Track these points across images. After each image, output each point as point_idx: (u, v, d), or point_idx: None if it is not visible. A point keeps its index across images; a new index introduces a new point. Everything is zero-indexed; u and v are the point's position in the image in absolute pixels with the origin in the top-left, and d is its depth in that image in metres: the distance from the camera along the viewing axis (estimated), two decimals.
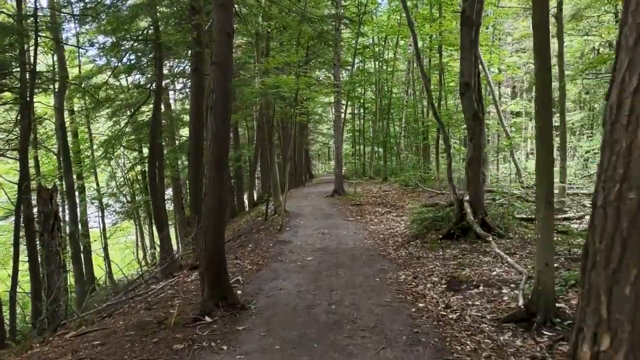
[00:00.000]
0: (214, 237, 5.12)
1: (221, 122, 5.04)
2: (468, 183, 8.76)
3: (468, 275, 6.49)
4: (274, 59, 12.09)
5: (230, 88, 5.07)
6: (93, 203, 21.37)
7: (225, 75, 5.08)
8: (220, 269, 5.23)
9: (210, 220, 5.11)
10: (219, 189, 5.08)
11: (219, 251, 5.20)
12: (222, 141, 5.08)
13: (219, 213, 5.13)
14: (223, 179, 5.11)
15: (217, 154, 5.06)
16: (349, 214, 14.06)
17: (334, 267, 7.62)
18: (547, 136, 4.62)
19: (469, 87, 8.43)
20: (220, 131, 5.05)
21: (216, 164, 5.08)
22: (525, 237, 8.80)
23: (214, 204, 5.10)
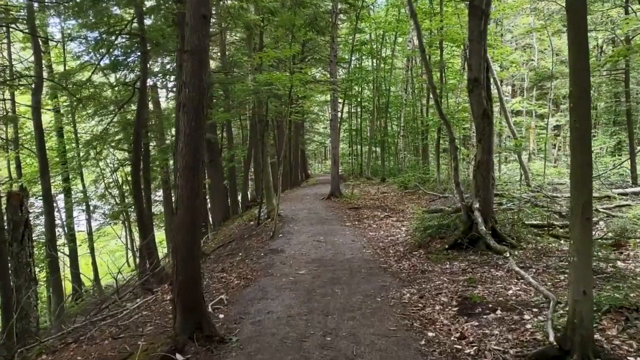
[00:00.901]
0: (186, 257, 4.32)
1: (195, 121, 4.25)
2: (477, 188, 7.99)
3: (482, 296, 5.72)
4: (265, 53, 11.28)
5: (207, 81, 4.27)
6: (79, 205, 20.48)
7: (200, 65, 4.28)
8: (195, 295, 4.44)
9: (183, 237, 4.32)
10: (192, 200, 4.29)
11: (193, 275, 4.40)
12: (196, 144, 4.29)
13: (193, 229, 4.34)
14: (197, 188, 4.31)
15: (190, 159, 4.27)
16: (346, 218, 13.28)
17: (329, 283, 6.83)
18: (584, 138, 3.86)
19: (479, 83, 7.67)
20: (194, 132, 4.26)
21: (189, 171, 4.29)
22: (539, 246, 8.06)
23: (187, 218, 4.30)
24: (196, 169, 4.31)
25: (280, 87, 11.86)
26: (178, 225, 4.34)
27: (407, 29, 22.61)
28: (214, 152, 20.03)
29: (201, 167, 4.39)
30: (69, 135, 20.76)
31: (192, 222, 4.33)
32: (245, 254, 10.24)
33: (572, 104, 3.89)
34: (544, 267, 6.82)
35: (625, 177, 16.42)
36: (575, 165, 3.88)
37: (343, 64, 26.10)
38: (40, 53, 13.34)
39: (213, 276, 8.05)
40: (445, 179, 17.70)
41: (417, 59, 24.35)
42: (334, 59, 17.43)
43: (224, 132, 26.24)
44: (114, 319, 6.30)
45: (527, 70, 22.69)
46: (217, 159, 20.15)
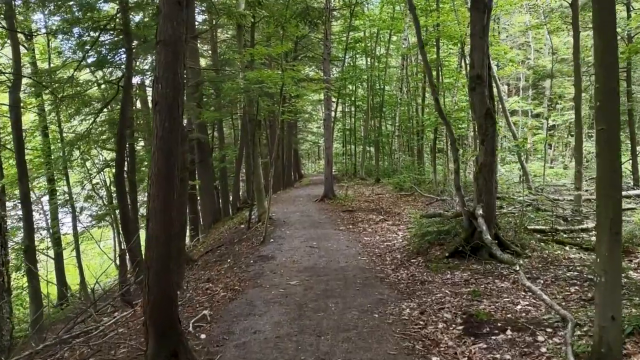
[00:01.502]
0: (160, 275, 3.80)
1: (169, 121, 3.73)
2: (479, 193, 7.52)
3: (488, 312, 5.24)
4: (255, 49, 10.77)
5: (182, 76, 3.76)
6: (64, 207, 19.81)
7: (175, 58, 3.77)
8: (170, 318, 3.92)
9: (155, 253, 3.80)
10: (166, 211, 3.77)
11: (168, 294, 3.89)
12: (170, 148, 3.77)
13: (167, 244, 3.82)
14: (172, 198, 3.79)
15: (163, 165, 3.76)
16: (340, 221, 12.79)
17: (322, 296, 6.33)
18: (612, 141, 3.39)
19: (481, 80, 7.20)
20: (168, 134, 3.74)
21: (162, 179, 3.77)
22: (544, 254, 7.61)
23: (160, 232, 3.79)
24: (170, 176, 3.79)
25: (271, 85, 11.35)
26: (150, 240, 3.82)
27: (402, 27, 22.15)
28: (204, 152, 19.47)
29: (177, 173, 3.87)
30: (54, 134, 20.09)
31: (166, 237, 3.81)
32: (234, 260, 9.72)
33: (599, 101, 3.41)
34: (552, 278, 6.37)
35: (624, 179, 16.07)
36: (601, 172, 3.41)
37: (337, 62, 25.62)
38: (19, 49, 12.72)
39: (198, 287, 7.52)
40: (442, 181, 17.26)
41: (412, 58, 23.92)
42: (327, 56, 16.92)
43: (214, 132, 25.69)
44: (87, 337, 5.76)
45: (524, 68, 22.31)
46: (207, 160, 19.59)
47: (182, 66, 3.80)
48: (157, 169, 3.73)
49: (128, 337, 5.44)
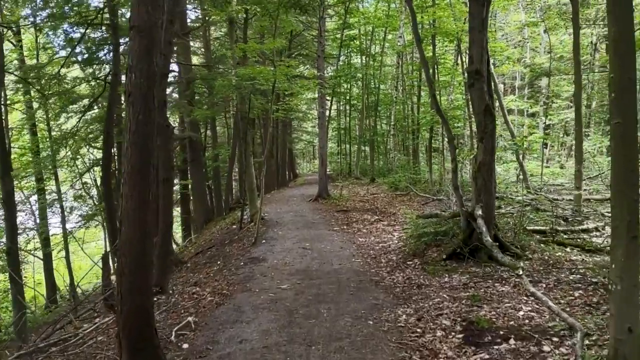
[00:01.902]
0: (134, 283, 3.48)
1: (143, 114, 3.40)
2: (478, 192, 7.23)
3: (489, 319, 4.95)
4: (247, 45, 10.44)
5: (158, 65, 3.43)
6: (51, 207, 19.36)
7: (150, 45, 3.44)
8: (145, 331, 3.60)
9: (129, 259, 3.47)
10: (141, 213, 3.45)
11: (143, 305, 3.56)
12: (144, 142, 3.44)
13: (142, 249, 3.49)
14: (148, 198, 3.46)
15: (136, 161, 3.43)
16: (334, 222, 12.47)
17: (314, 301, 6.01)
18: (628, 137, 3.08)
19: (480, 76, 6.90)
20: (143, 127, 3.42)
21: (136, 177, 3.44)
22: (545, 256, 7.33)
23: (134, 236, 3.46)
24: (145, 174, 3.46)
25: (263, 82, 11.03)
26: (123, 245, 3.49)
27: (397, 25, 21.89)
28: (196, 151, 19.12)
29: (153, 171, 3.54)
30: (42, 133, 19.65)
31: (141, 241, 3.48)
32: (224, 262, 9.40)
33: (614, 93, 3.12)
34: (554, 281, 6.09)
35: None
36: (617, 170, 3.11)
37: (331, 60, 25.31)
38: (2, 44, 12.30)
39: (184, 291, 7.19)
40: (438, 180, 17.00)
41: (407, 56, 23.66)
42: (321, 54, 16.61)
43: (207, 131, 25.32)
44: (64, 346, 5.42)
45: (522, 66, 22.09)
46: (199, 158, 19.25)
47: (157, 55, 3.47)
48: (130, 165, 3.40)
49: (106, 346, 5.11)
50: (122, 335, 3.54)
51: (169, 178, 6.71)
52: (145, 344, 3.60)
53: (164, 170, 6.75)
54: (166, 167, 6.71)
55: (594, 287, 5.77)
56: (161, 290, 6.64)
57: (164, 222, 6.85)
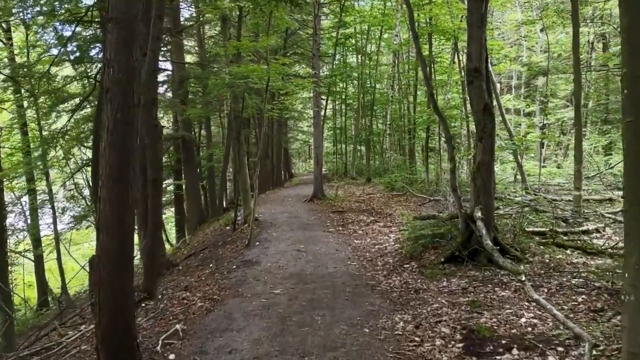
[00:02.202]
0: (113, 294, 3.24)
1: (122, 112, 3.17)
2: (476, 193, 7.02)
3: (490, 327, 4.74)
4: (240, 43, 10.20)
5: (138, 59, 3.19)
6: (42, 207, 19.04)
7: (129, 38, 3.21)
8: (126, 345, 3.37)
9: (108, 267, 3.23)
10: (120, 220, 3.21)
11: (123, 316, 3.32)
12: (124, 143, 3.21)
13: (122, 258, 3.26)
14: (127, 201, 3.23)
15: (115, 163, 3.19)
16: (329, 223, 12.25)
17: (308, 307, 5.79)
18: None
19: (479, 73, 6.70)
20: (122, 126, 3.18)
21: (116, 179, 3.21)
22: (546, 258, 7.14)
23: (113, 245, 3.22)
24: (124, 177, 3.22)
25: (256, 80, 10.79)
26: (101, 252, 3.25)
27: (393, 23, 21.67)
28: (190, 151, 18.85)
29: (132, 174, 3.30)
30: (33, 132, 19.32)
31: (121, 247, 3.25)
32: (216, 265, 9.16)
33: (626, 89, 2.90)
34: (556, 286, 5.90)
35: (618, 178, 15.70)
36: (631, 171, 2.90)
37: (327, 60, 25.10)
38: None
39: (174, 296, 6.94)
40: (434, 180, 16.80)
41: (403, 55, 23.46)
42: (316, 52, 16.37)
43: (202, 130, 25.04)
44: (46, 355, 5.18)
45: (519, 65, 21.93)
46: (193, 158, 18.97)
47: (137, 48, 3.23)
48: (108, 167, 3.17)
49: (90, 355, 4.86)
50: (101, 348, 3.31)
51: (157, 178, 6.46)
52: (126, 357, 3.36)
53: (153, 170, 6.50)
54: (155, 167, 6.46)
55: (597, 292, 5.58)
56: (149, 296, 6.40)
57: (152, 224, 6.61)
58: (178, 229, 22.34)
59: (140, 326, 5.71)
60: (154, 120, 6.39)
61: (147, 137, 6.54)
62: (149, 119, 6.44)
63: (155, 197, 6.55)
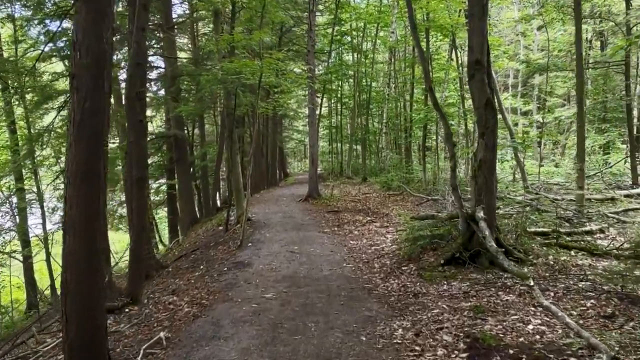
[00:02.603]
0: (82, 304, 2.90)
1: (90, 101, 2.83)
2: (478, 192, 6.72)
3: (496, 334, 4.43)
4: (231, 36, 9.86)
5: (109, 42, 2.85)
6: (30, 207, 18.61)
7: (99, 18, 2.86)
8: (96, 357, 3.00)
9: (76, 274, 2.89)
10: (89, 221, 2.87)
11: (93, 328, 2.98)
12: (92, 136, 2.85)
13: (91, 263, 2.91)
14: (96, 202, 2.89)
15: (82, 159, 2.84)
16: (324, 223, 11.93)
17: (301, 312, 5.46)
18: None
19: (481, 66, 6.39)
20: (90, 118, 2.84)
21: (83, 178, 2.86)
22: (550, 260, 6.84)
23: (81, 248, 2.88)
24: (94, 175, 2.89)
25: (249, 76, 10.44)
26: (67, 258, 2.91)
27: (389, 21, 21.38)
28: (182, 149, 18.46)
29: (103, 171, 2.96)
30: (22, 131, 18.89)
31: (89, 253, 2.90)
32: (207, 267, 8.82)
33: None
34: (563, 289, 5.60)
35: (618, 177, 15.47)
36: None
37: (323, 57, 24.77)
38: None
39: (160, 301, 6.59)
40: (432, 180, 16.52)
41: (400, 53, 23.17)
42: (311, 48, 16.03)
43: (195, 129, 24.65)
44: None
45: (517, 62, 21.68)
46: (185, 157, 18.58)
47: (109, 30, 2.90)
48: (74, 164, 2.83)
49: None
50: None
51: (142, 177, 6.11)
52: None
53: (137, 168, 6.15)
54: (139, 166, 6.11)
55: (606, 296, 5.29)
56: (132, 301, 6.05)
57: (137, 225, 6.26)
58: (171, 229, 21.94)
59: (122, 333, 5.38)
60: (138, 116, 6.04)
61: (131, 133, 6.20)
62: (134, 114, 6.09)
63: (141, 197, 6.20)
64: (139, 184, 6.10)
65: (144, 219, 6.23)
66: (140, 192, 6.18)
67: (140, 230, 6.24)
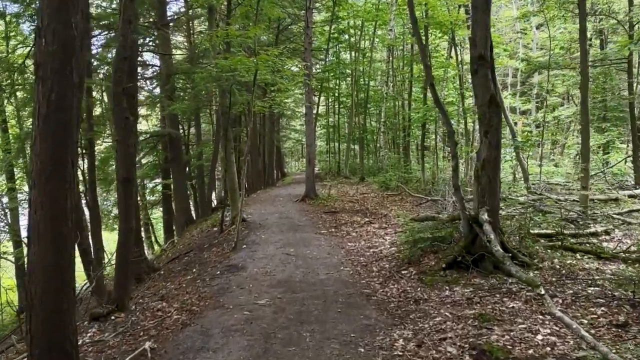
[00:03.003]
0: (48, 321, 2.59)
1: (58, 93, 2.52)
2: (481, 193, 6.43)
3: (503, 346, 4.14)
4: (225, 31, 9.56)
5: (78, 27, 2.55)
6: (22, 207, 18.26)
7: (66, 0, 2.55)
8: None
9: (42, 286, 2.59)
10: (56, 226, 2.56)
11: (60, 346, 2.67)
12: (59, 131, 2.55)
13: (58, 273, 2.61)
14: (64, 205, 2.58)
15: (49, 156, 2.54)
16: (321, 224, 11.64)
17: (296, 321, 5.16)
18: None
19: (485, 61, 6.11)
20: (57, 112, 2.53)
21: (49, 175, 2.56)
22: (556, 264, 6.57)
23: (47, 256, 2.57)
24: (60, 175, 2.58)
25: (244, 73, 10.14)
26: (32, 269, 2.60)
27: (387, 18, 21.09)
28: (177, 149, 18.14)
29: (72, 170, 2.66)
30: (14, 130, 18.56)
31: (57, 264, 2.60)
32: (200, 270, 8.53)
33: None
34: (571, 295, 5.32)
35: (619, 177, 15.23)
36: None
37: (320, 56, 24.48)
38: None
39: (148, 307, 6.28)
40: (430, 179, 16.24)
41: (398, 51, 22.89)
42: (308, 46, 15.74)
43: (191, 128, 24.33)
44: None
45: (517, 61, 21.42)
46: (180, 157, 18.26)
47: (78, 13, 2.59)
48: (39, 162, 2.53)
49: None
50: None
51: (128, 178, 5.80)
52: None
53: (124, 168, 5.84)
54: (126, 166, 5.80)
55: (617, 303, 5.01)
56: (119, 307, 5.74)
57: (124, 228, 5.95)
58: (166, 229, 21.62)
59: (106, 343, 5.08)
60: (125, 113, 5.73)
61: (118, 131, 5.89)
62: (120, 110, 5.78)
63: (128, 198, 5.89)
64: (125, 185, 5.79)
65: (131, 221, 5.92)
66: (127, 193, 5.88)
67: (128, 232, 5.94)
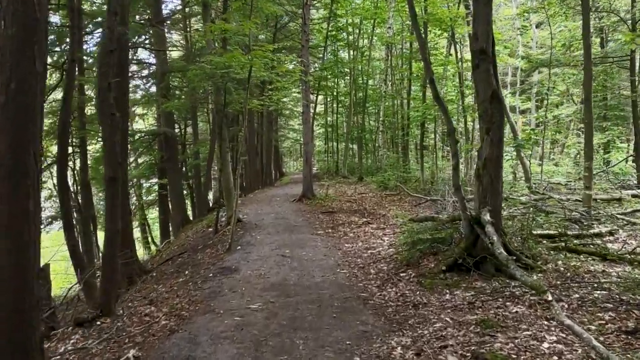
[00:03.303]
0: (4, 333, 2.33)
1: (17, 81, 2.27)
2: (483, 193, 6.20)
3: (508, 355, 3.90)
4: (217, 25, 9.32)
5: (42, 10, 2.30)
6: None
7: None
8: None
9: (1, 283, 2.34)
10: (15, 222, 2.31)
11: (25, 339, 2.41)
12: (19, 121, 2.30)
13: (19, 280, 2.35)
14: (25, 207, 2.33)
15: (8, 152, 2.28)
16: (318, 225, 11.40)
17: (288, 327, 4.92)
18: None
19: (486, 56, 5.87)
20: (16, 103, 2.28)
21: (8, 171, 2.30)
22: (560, 266, 6.34)
23: (4, 256, 2.31)
24: (20, 170, 2.32)
25: (238, 69, 9.89)
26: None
27: (385, 16, 20.86)
28: (172, 148, 17.88)
29: (34, 165, 2.40)
30: None
31: (18, 268, 2.34)
32: (193, 272, 8.29)
33: None
34: (577, 300, 5.08)
35: (620, 176, 15.02)
36: None
37: (319, 55, 24.24)
38: None
39: (136, 312, 6.03)
40: (430, 179, 16.01)
41: (397, 49, 22.66)
42: (305, 43, 15.49)
43: (187, 127, 24.07)
44: None
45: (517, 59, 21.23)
46: (175, 156, 18.01)
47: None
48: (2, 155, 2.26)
49: None
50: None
51: (114, 177, 5.55)
52: None
53: (110, 167, 5.59)
54: (112, 164, 5.55)
55: (626, 308, 4.77)
56: (104, 312, 5.49)
57: (111, 229, 5.70)
58: (162, 229, 21.36)
59: (89, 351, 4.82)
60: (111, 109, 5.48)
61: (103, 127, 5.65)
62: (106, 106, 5.53)
63: (113, 198, 5.64)
64: (110, 184, 5.54)
65: (117, 222, 5.68)
66: (114, 192, 5.63)
67: (114, 234, 5.69)
